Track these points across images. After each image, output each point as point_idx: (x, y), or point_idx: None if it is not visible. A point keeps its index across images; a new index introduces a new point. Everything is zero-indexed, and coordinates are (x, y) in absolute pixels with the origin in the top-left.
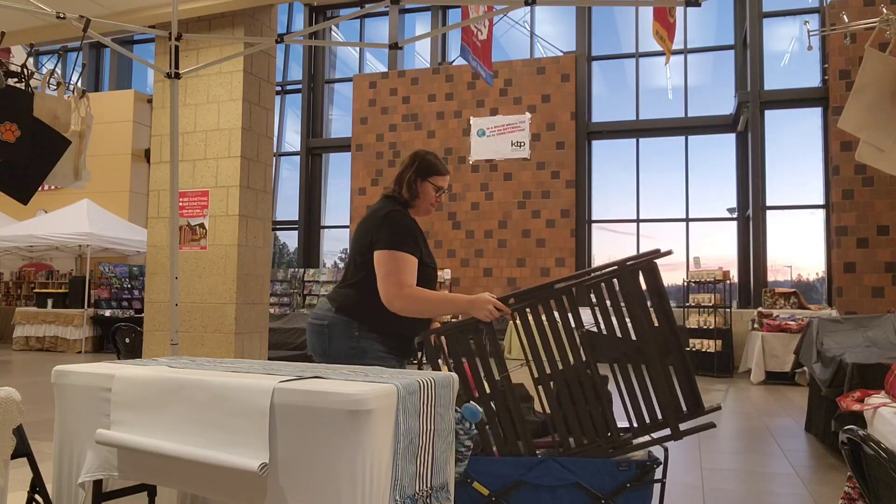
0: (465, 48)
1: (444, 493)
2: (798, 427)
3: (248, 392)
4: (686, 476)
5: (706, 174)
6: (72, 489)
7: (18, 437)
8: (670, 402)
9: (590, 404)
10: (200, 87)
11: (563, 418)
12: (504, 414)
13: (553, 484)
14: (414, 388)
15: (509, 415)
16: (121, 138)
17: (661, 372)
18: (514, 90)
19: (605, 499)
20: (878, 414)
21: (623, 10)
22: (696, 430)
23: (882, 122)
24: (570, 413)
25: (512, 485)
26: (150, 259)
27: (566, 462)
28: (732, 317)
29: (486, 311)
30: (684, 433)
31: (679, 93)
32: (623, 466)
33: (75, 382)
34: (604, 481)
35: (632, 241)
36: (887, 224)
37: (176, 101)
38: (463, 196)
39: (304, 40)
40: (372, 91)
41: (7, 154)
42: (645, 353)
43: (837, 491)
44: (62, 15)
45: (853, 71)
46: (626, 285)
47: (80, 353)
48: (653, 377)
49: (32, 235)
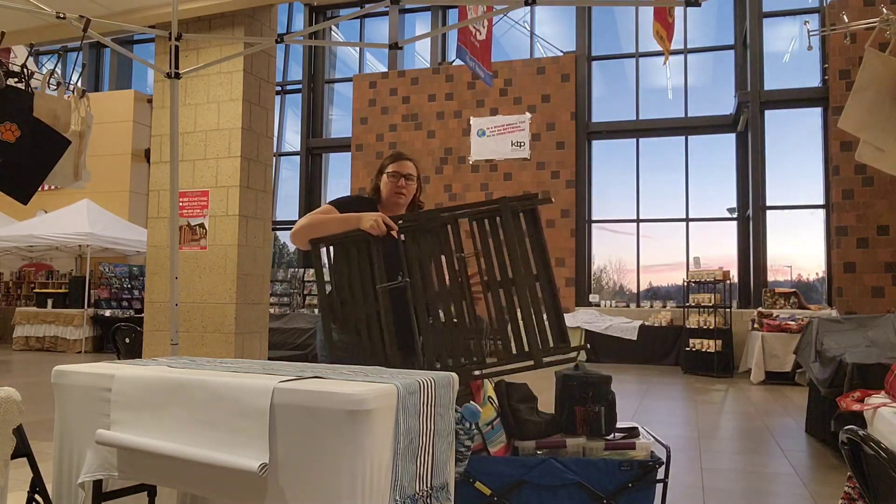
0: (461, 48)
1: (445, 493)
2: (798, 427)
3: (248, 392)
4: (686, 476)
5: (706, 174)
6: (72, 489)
7: (18, 437)
8: (537, 335)
9: (465, 329)
10: (200, 87)
11: (433, 340)
12: (374, 324)
13: (555, 484)
14: (414, 388)
15: (379, 325)
16: (121, 138)
17: (531, 306)
18: (514, 90)
19: (608, 498)
20: (878, 414)
21: (623, 10)
22: (559, 363)
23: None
24: (444, 335)
25: (514, 484)
26: (150, 259)
27: (568, 462)
28: (732, 317)
29: (373, 222)
30: (547, 364)
31: (679, 93)
32: (625, 466)
33: (75, 382)
34: (606, 481)
35: (632, 241)
36: (887, 224)
37: (176, 101)
38: (463, 196)
39: (304, 40)
40: (372, 91)
41: (7, 154)
42: (518, 284)
43: (837, 491)
44: (62, 15)
45: (853, 71)
46: (507, 223)
47: (80, 353)
48: (523, 310)
49: (32, 235)
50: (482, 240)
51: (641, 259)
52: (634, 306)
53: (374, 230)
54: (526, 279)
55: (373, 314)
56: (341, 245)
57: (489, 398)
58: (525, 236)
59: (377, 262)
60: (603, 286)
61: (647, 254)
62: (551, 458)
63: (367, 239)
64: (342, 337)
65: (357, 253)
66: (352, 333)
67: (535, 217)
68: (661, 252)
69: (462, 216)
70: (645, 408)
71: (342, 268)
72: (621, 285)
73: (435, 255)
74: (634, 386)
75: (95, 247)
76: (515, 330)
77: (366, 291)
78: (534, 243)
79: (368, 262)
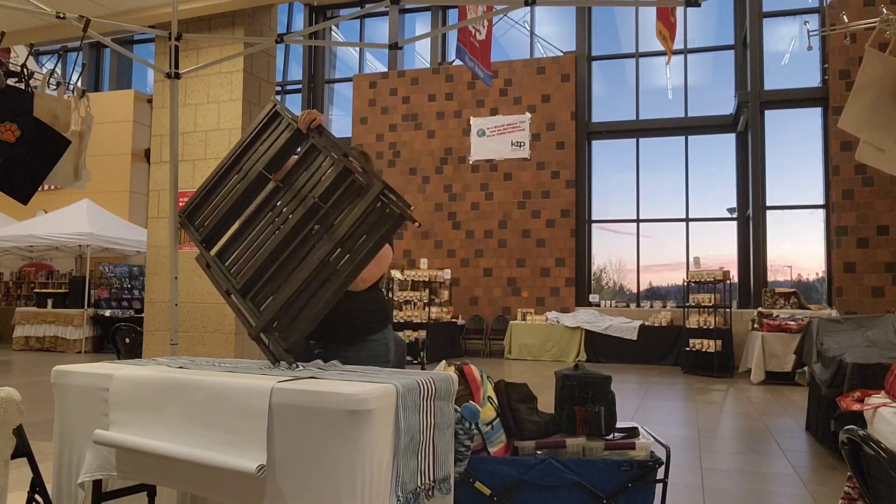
0: (461, 49)
1: (446, 484)
2: (798, 427)
3: (247, 392)
4: (686, 476)
5: (706, 174)
6: (71, 489)
7: (18, 437)
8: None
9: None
10: (200, 87)
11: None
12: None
13: (554, 484)
14: (413, 386)
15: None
16: (121, 138)
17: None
18: (514, 90)
19: (607, 499)
20: (878, 414)
21: (623, 10)
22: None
23: (882, 122)
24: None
25: (513, 485)
26: (150, 259)
27: (567, 462)
28: (732, 317)
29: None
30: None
31: (679, 93)
32: (624, 466)
33: (75, 382)
34: (605, 481)
35: (632, 241)
36: (887, 224)
37: (176, 101)
38: (463, 196)
39: (304, 40)
40: (372, 91)
41: (7, 154)
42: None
43: (837, 491)
44: (62, 15)
45: (853, 71)
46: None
47: (80, 353)
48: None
49: (32, 235)
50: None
51: (641, 259)
52: (634, 306)
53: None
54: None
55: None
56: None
57: (489, 398)
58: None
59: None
60: (603, 286)
61: (647, 254)
62: (551, 458)
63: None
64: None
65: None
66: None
67: (393, 225)
68: (661, 252)
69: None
70: (645, 408)
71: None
72: (621, 285)
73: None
74: (634, 386)
75: (95, 247)
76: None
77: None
78: (370, 247)
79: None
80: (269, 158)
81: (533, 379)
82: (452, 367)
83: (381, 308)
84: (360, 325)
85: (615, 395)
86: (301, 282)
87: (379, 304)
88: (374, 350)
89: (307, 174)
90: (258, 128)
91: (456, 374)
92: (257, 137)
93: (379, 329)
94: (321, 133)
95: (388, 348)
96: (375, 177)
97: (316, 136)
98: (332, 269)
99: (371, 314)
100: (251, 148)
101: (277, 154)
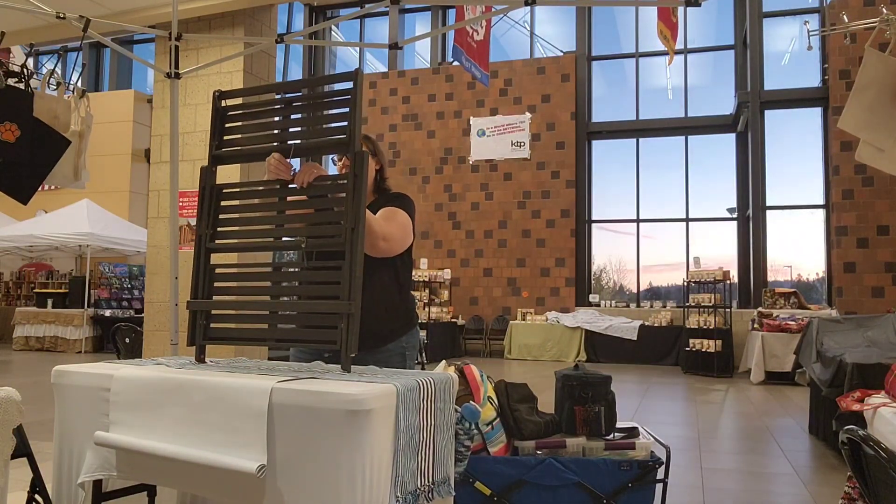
0: (457, 49)
1: (446, 486)
2: (798, 427)
3: (246, 392)
4: (686, 476)
5: (706, 174)
6: (72, 489)
7: (18, 437)
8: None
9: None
10: (200, 87)
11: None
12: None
13: (554, 484)
14: (413, 386)
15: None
16: (121, 138)
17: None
18: (514, 90)
19: (607, 499)
20: (878, 414)
21: (623, 10)
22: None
23: (882, 122)
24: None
25: (514, 484)
26: (150, 259)
27: (567, 462)
28: (732, 317)
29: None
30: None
31: (679, 93)
32: (625, 466)
33: (75, 382)
34: (605, 481)
35: (632, 241)
36: (887, 224)
37: (176, 101)
38: (463, 196)
39: (304, 40)
40: (372, 91)
41: (7, 154)
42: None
43: (837, 491)
44: (62, 15)
45: (853, 71)
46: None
47: (80, 353)
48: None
49: (32, 235)
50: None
51: (641, 259)
52: (634, 306)
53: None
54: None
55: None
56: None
57: (489, 398)
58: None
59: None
60: (603, 286)
61: (647, 254)
62: (551, 459)
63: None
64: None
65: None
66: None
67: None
68: (661, 252)
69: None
70: (645, 408)
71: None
72: (621, 285)
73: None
74: (634, 386)
75: (95, 247)
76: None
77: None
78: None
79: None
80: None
81: (533, 379)
82: (452, 367)
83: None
84: (384, 329)
85: (615, 395)
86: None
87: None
88: (388, 362)
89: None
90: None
91: (456, 374)
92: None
93: (400, 334)
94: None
95: (405, 357)
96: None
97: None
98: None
99: (392, 316)
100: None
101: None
